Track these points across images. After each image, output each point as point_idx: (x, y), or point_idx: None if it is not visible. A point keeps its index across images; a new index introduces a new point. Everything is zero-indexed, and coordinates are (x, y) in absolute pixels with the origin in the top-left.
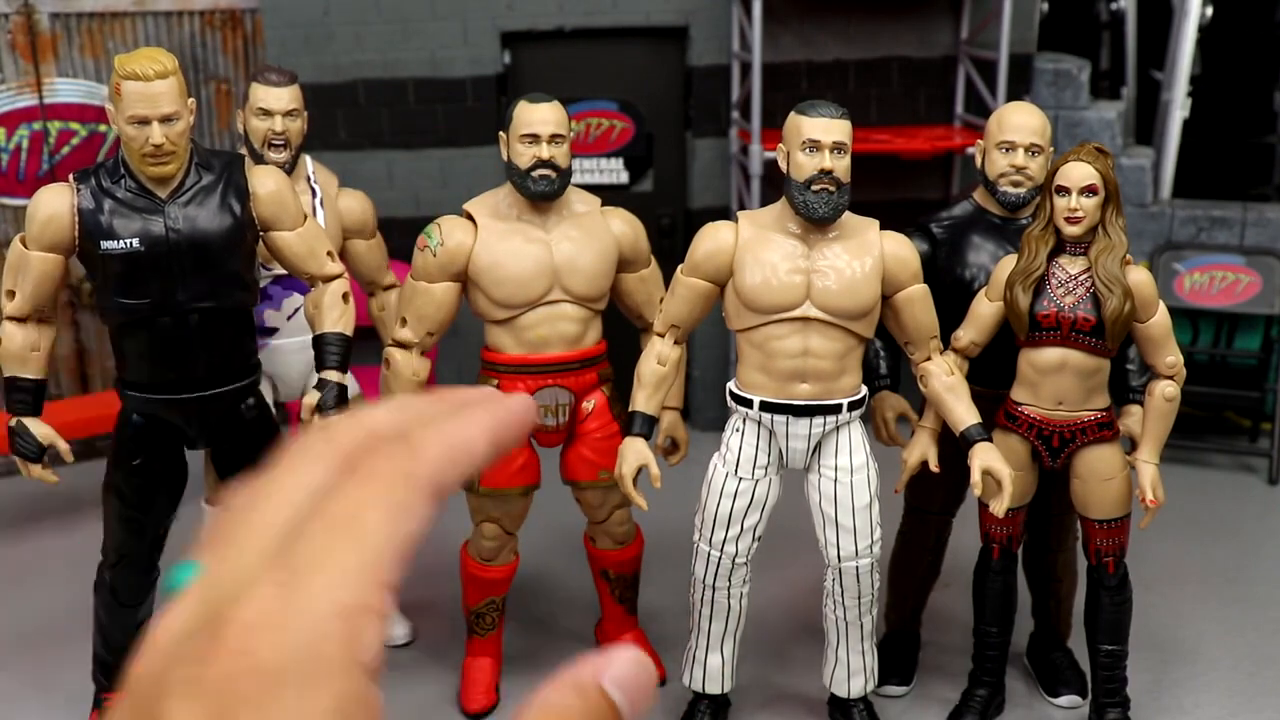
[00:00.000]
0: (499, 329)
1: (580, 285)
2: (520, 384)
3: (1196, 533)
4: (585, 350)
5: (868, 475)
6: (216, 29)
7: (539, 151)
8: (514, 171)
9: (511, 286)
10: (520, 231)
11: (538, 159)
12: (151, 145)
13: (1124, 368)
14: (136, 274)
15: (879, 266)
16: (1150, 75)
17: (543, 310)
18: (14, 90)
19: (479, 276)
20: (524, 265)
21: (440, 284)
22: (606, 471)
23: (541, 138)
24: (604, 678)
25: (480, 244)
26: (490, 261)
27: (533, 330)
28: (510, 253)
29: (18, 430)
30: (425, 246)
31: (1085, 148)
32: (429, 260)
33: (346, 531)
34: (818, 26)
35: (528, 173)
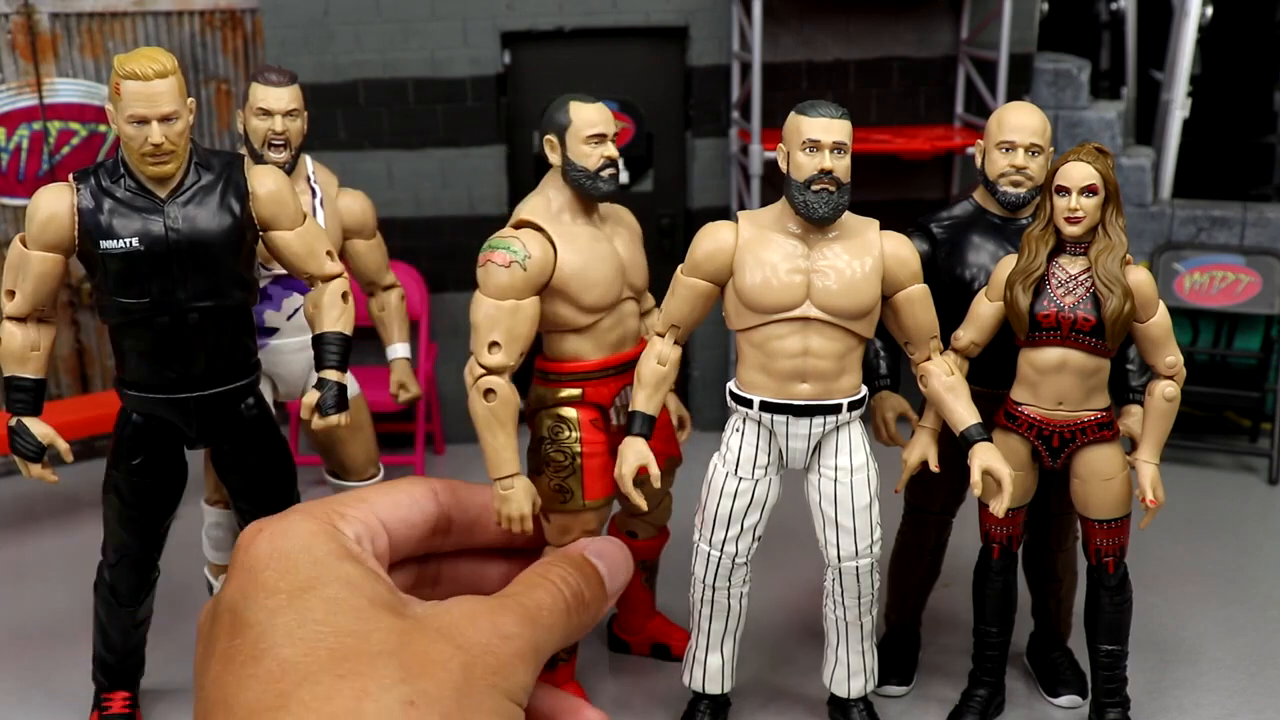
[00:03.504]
0: (577, 337)
1: (640, 279)
2: (605, 389)
3: (1196, 533)
4: (643, 342)
5: (868, 475)
6: (216, 29)
7: (607, 151)
8: (580, 173)
9: (602, 289)
10: (586, 234)
11: (606, 159)
12: (151, 145)
13: (1124, 368)
14: (136, 273)
15: (879, 266)
16: (1150, 75)
17: (617, 310)
18: (14, 90)
19: (566, 285)
20: (608, 267)
21: (531, 299)
22: (671, 458)
23: (607, 136)
24: (587, 550)
25: (562, 252)
26: (578, 268)
27: (613, 331)
28: (593, 256)
29: (17, 430)
30: (511, 263)
31: (1085, 148)
32: (518, 276)
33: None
34: (818, 26)
35: (597, 173)
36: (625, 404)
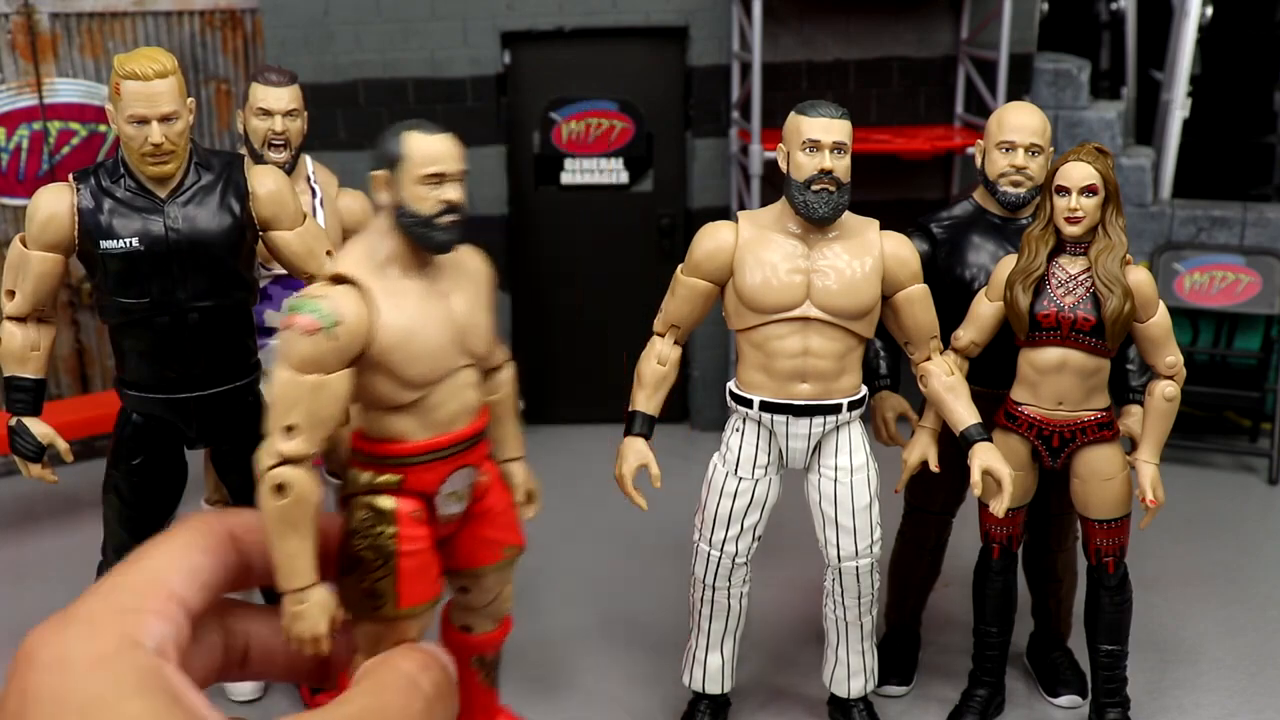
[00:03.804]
0: (399, 414)
1: (481, 343)
2: (431, 475)
3: (1196, 533)
4: (484, 417)
5: (868, 475)
6: (216, 29)
7: (446, 194)
8: (411, 219)
9: (430, 361)
10: (416, 292)
11: (445, 203)
12: (151, 144)
13: (1124, 368)
14: (136, 273)
15: (879, 266)
16: (1150, 75)
17: (449, 382)
18: (14, 90)
19: (386, 356)
20: (439, 333)
21: (339, 373)
22: (511, 548)
23: (448, 177)
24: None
25: (383, 315)
26: (401, 336)
27: (443, 408)
28: (422, 321)
29: (17, 430)
30: (317, 329)
31: (1085, 148)
32: (324, 347)
33: (129, 564)
34: (818, 26)
35: (432, 220)
36: (455, 491)
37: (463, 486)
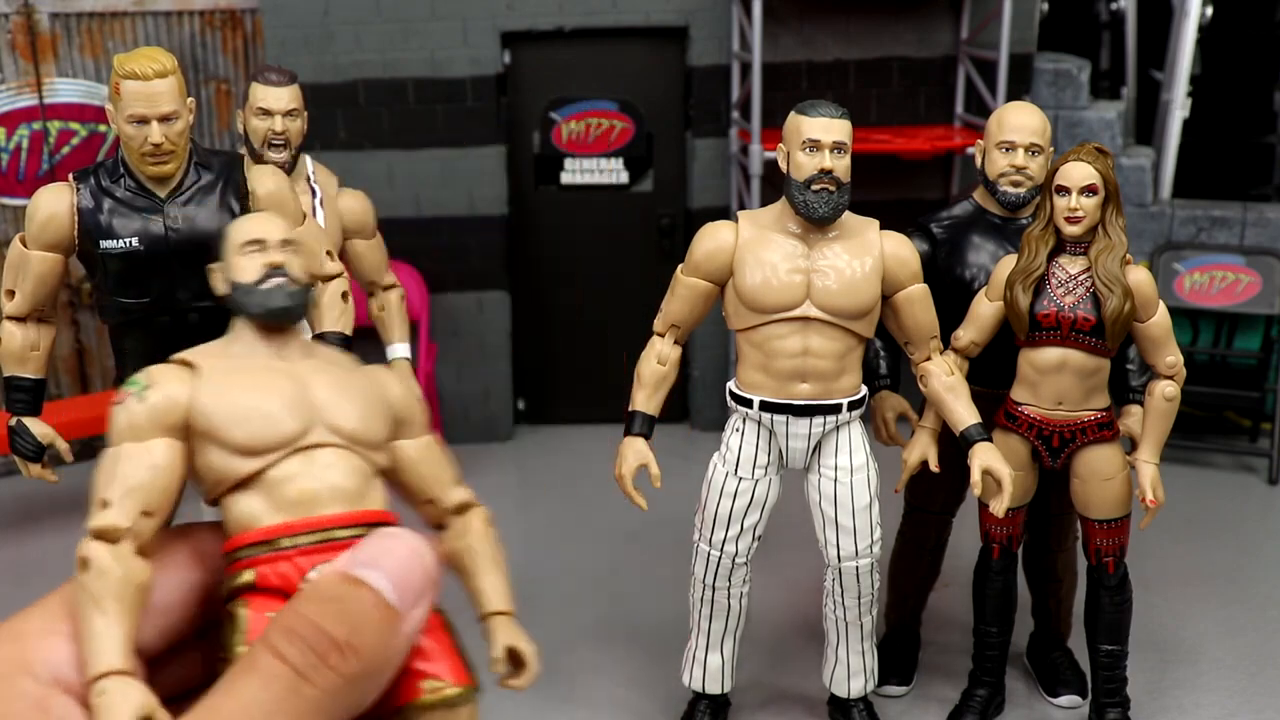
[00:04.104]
0: (244, 493)
1: (349, 422)
2: (289, 567)
3: (1196, 533)
4: (376, 513)
5: (868, 475)
6: (216, 29)
7: (268, 258)
8: (240, 290)
9: (259, 422)
10: (256, 365)
11: (268, 267)
12: (151, 144)
13: (1124, 368)
14: (136, 273)
15: (879, 266)
16: (1150, 75)
17: (303, 458)
18: (14, 90)
19: (208, 419)
20: (273, 396)
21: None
22: (436, 681)
23: (266, 244)
24: (353, 564)
25: (204, 380)
26: (223, 397)
27: (293, 483)
28: (252, 383)
29: (17, 430)
30: (126, 396)
31: (1085, 148)
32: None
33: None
34: (818, 26)
35: (255, 286)
36: None
37: None
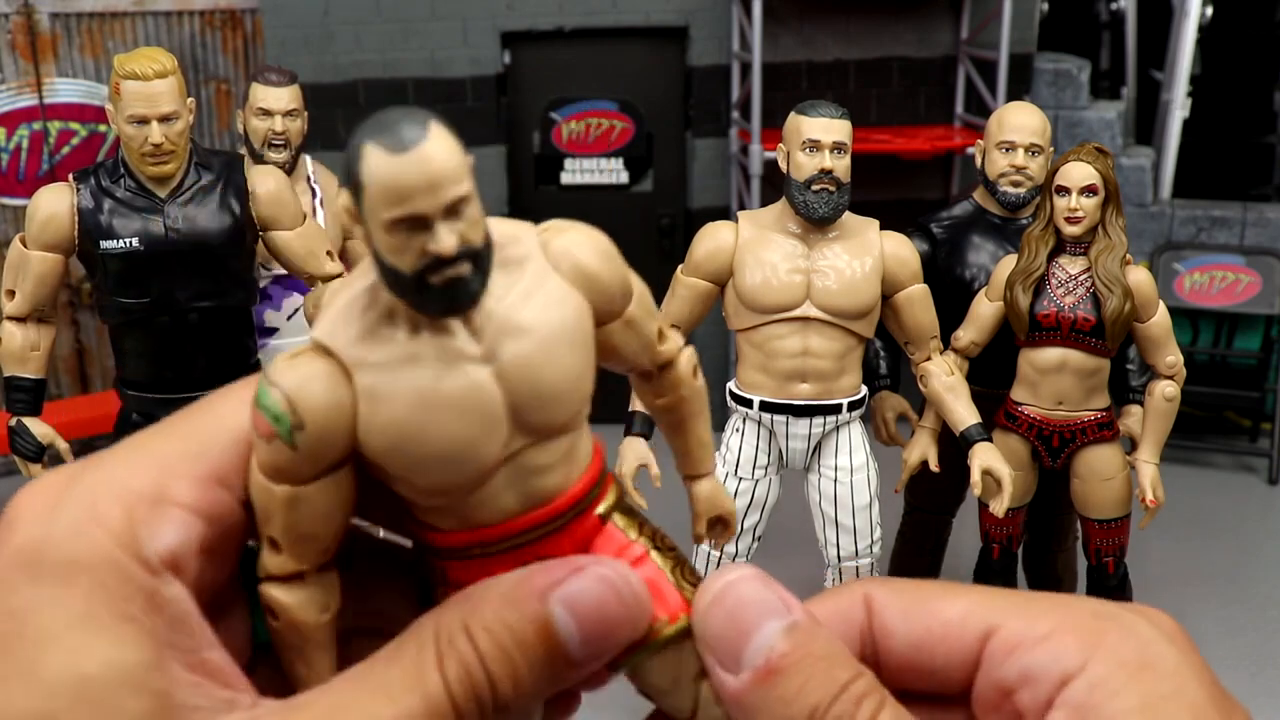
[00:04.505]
0: (432, 512)
1: (553, 415)
2: (477, 568)
3: (1196, 532)
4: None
5: (868, 475)
6: (216, 29)
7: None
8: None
9: (444, 466)
10: (427, 357)
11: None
12: (151, 145)
13: (1124, 368)
14: (136, 273)
15: (879, 266)
16: (1150, 75)
17: (501, 474)
18: (14, 90)
19: (383, 461)
20: (459, 423)
21: (318, 483)
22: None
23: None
24: (555, 592)
25: (367, 406)
26: (394, 438)
27: (485, 508)
28: (429, 409)
29: (17, 430)
30: (273, 436)
31: (1085, 148)
32: (283, 457)
33: (170, 426)
34: (818, 26)
35: (420, 278)
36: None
37: None
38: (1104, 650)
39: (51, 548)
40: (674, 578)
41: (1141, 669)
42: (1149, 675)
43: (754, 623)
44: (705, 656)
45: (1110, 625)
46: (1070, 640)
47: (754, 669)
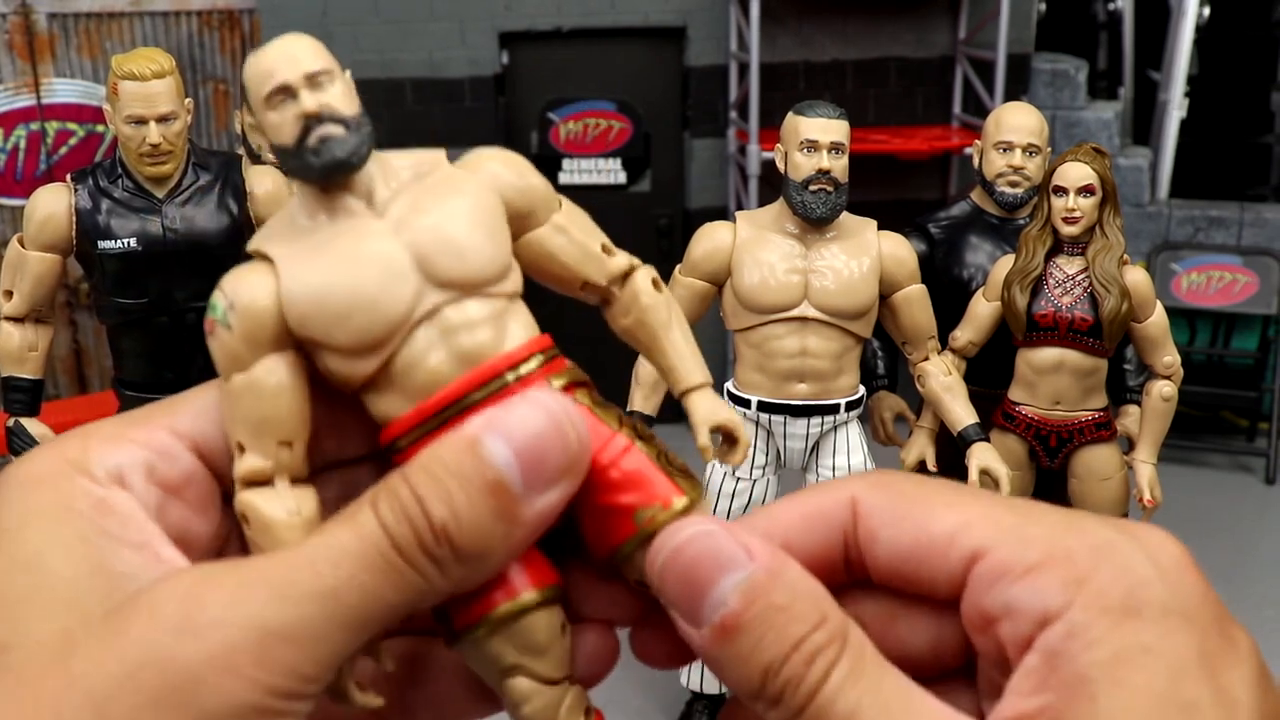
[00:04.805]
0: (375, 395)
1: (462, 265)
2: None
3: (1193, 532)
4: (507, 355)
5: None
6: (214, 29)
7: (299, 107)
8: (284, 155)
9: (362, 316)
10: (337, 234)
11: (304, 117)
12: (149, 145)
13: (1121, 368)
14: (134, 274)
15: (876, 266)
16: (1147, 75)
17: (422, 333)
18: (11, 90)
19: (306, 329)
20: (368, 276)
21: (260, 363)
22: (646, 510)
23: (294, 85)
24: (483, 428)
25: (286, 280)
26: (310, 298)
27: (418, 370)
28: (339, 267)
29: (15, 430)
30: (214, 325)
31: (1083, 148)
32: (226, 341)
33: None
34: (816, 27)
35: (300, 146)
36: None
37: None
38: (1088, 592)
39: (20, 471)
40: (660, 464)
41: (1125, 616)
42: (1131, 624)
43: (709, 578)
44: (669, 610)
45: (1103, 561)
46: (1056, 576)
47: (711, 626)
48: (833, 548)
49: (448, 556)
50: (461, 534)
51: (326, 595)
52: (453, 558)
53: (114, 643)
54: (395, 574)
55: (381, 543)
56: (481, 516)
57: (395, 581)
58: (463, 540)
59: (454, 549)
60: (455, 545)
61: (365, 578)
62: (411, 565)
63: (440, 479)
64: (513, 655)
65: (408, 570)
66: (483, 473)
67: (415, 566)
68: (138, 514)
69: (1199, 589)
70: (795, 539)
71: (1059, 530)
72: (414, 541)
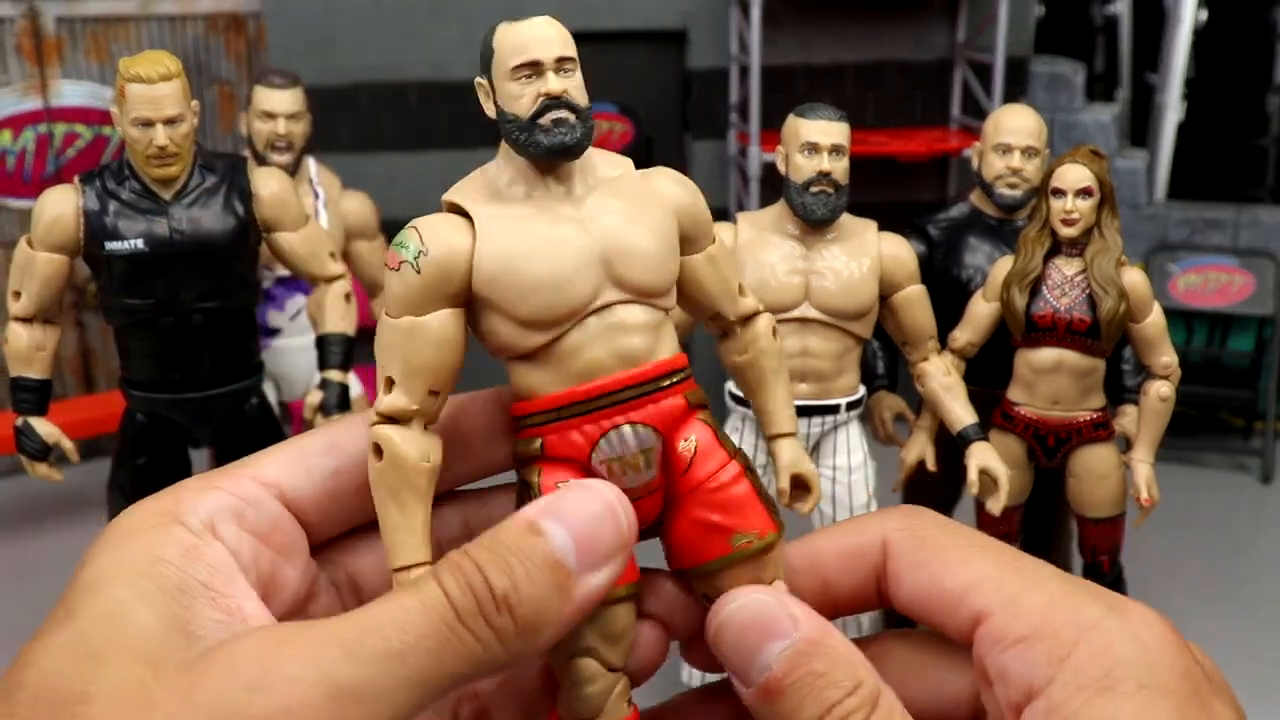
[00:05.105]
0: (527, 365)
1: (639, 271)
2: (577, 435)
3: (1191, 531)
4: (660, 364)
5: (865, 474)
6: (220, 32)
7: (545, 86)
8: (510, 124)
9: (546, 294)
10: (536, 214)
11: (545, 97)
12: (155, 147)
13: (1119, 368)
14: (141, 274)
15: (876, 267)
16: (1145, 78)
17: (593, 323)
18: (19, 93)
19: (490, 290)
20: (560, 259)
21: (435, 314)
22: (744, 534)
23: (545, 65)
24: (539, 513)
25: (484, 242)
26: (504, 264)
27: (579, 356)
28: (535, 245)
29: (23, 429)
30: (401, 263)
31: (1081, 150)
32: (411, 283)
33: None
34: (816, 30)
35: (532, 122)
36: (618, 457)
37: (630, 452)
38: (1070, 668)
39: (119, 523)
40: (762, 499)
41: (1099, 693)
42: (1106, 700)
43: (757, 644)
44: (724, 665)
45: (1086, 637)
46: (1043, 650)
47: (757, 686)
48: (867, 583)
49: (508, 627)
50: (521, 605)
51: (393, 657)
52: (513, 628)
53: (190, 696)
54: (457, 641)
55: (445, 610)
56: (540, 590)
57: (457, 648)
58: (522, 611)
59: (514, 619)
60: (515, 615)
61: (430, 643)
62: (473, 633)
63: (502, 555)
64: (591, 638)
65: (468, 638)
66: (542, 551)
67: (476, 634)
68: (227, 564)
69: (1179, 664)
70: (834, 577)
71: (1054, 603)
72: (475, 610)
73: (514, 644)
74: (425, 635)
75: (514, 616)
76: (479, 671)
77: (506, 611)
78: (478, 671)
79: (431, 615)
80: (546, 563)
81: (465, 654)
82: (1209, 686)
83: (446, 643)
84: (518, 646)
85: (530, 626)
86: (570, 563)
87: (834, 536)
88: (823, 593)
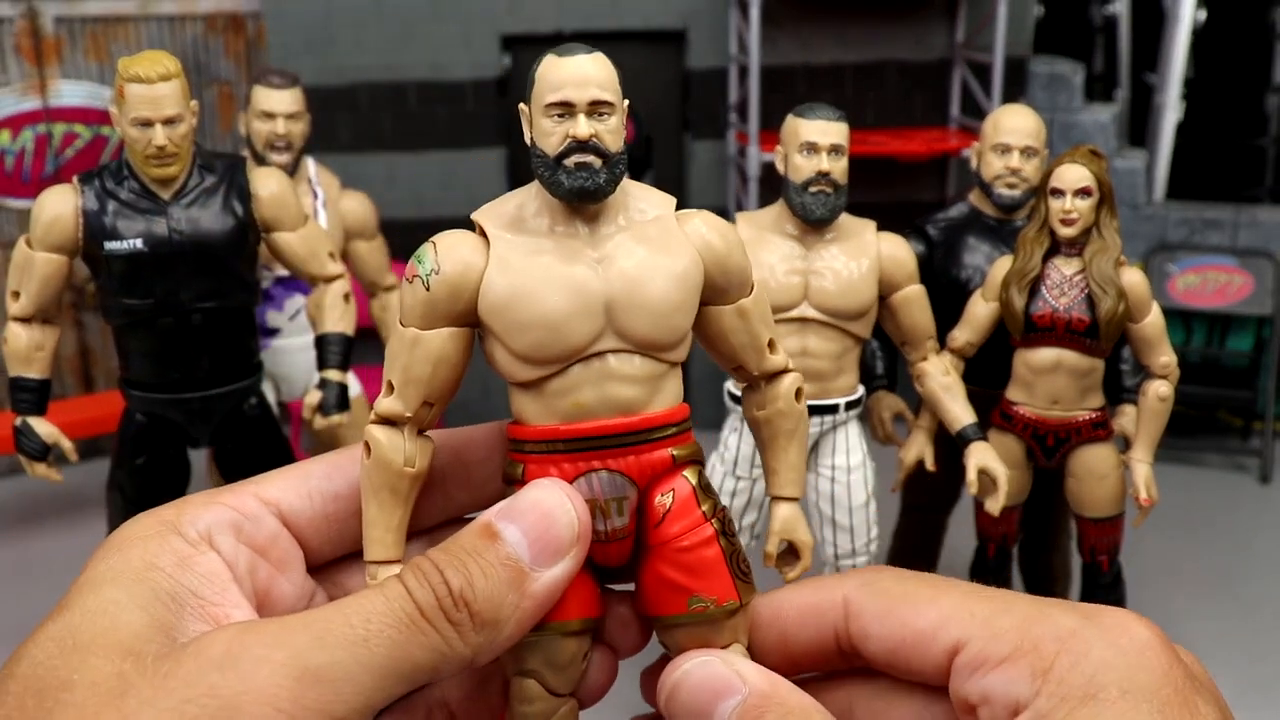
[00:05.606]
0: (524, 395)
1: (644, 326)
2: (553, 468)
3: (1189, 531)
4: (651, 417)
5: (864, 474)
6: (219, 32)
7: (574, 129)
8: (538, 160)
9: (540, 334)
10: (550, 249)
11: (573, 140)
12: (154, 147)
13: (1118, 368)
14: (140, 274)
15: (876, 267)
16: (1144, 78)
17: (587, 367)
18: (18, 93)
19: (491, 318)
20: (559, 301)
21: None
22: (701, 599)
23: (577, 106)
24: (497, 515)
25: (494, 268)
26: (505, 296)
27: (567, 396)
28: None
29: (22, 429)
30: (415, 277)
31: (1080, 150)
32: (418, 297)
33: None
34: (815, 30)
35: (559, 161)
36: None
37: (603, 497)
38: (1051, 681)
39: (122, 530)
40: (730, 565)
41: (1083, 701)
42: (1089, 708)
43: (709, 704)
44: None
45: (1066, 649)
46: (1024, 667)
47: None
48: (826, 641)
49: (465, 621)
50: (477, 601)
51: (358, 642)
52: (470, 623)
53: (164, 683)
54: (419, 633)
55: (406, 603)
56: (495, 586)
57: (419, 640)
58: (478, 606)
59: (471, 614)
60: (472, 610)
61: (393, 633)
62: (433, 625)
63: (459, 556)
64: (535, 662)
65: (430, 630)
66: (496, 550)
67: (436, 627)
68: (220, 574)
69: (1159, 665)
70: (792, 632)
71: (1029, 621)
72: (435, 605)
73: (474, 638)
74: (389, 625)
75: (471, 612)
76: (444, 664)
77: (464, 607)
78: (443, 664)
79: (394, 607)
80: (501, 561)
81: (428, 645)
82: (1191, 685)
83: (409, 633)
84: (478, 641)
85: (488, 621)
86: (524, 559)
87: (798, 592)
88: (781, 646)
